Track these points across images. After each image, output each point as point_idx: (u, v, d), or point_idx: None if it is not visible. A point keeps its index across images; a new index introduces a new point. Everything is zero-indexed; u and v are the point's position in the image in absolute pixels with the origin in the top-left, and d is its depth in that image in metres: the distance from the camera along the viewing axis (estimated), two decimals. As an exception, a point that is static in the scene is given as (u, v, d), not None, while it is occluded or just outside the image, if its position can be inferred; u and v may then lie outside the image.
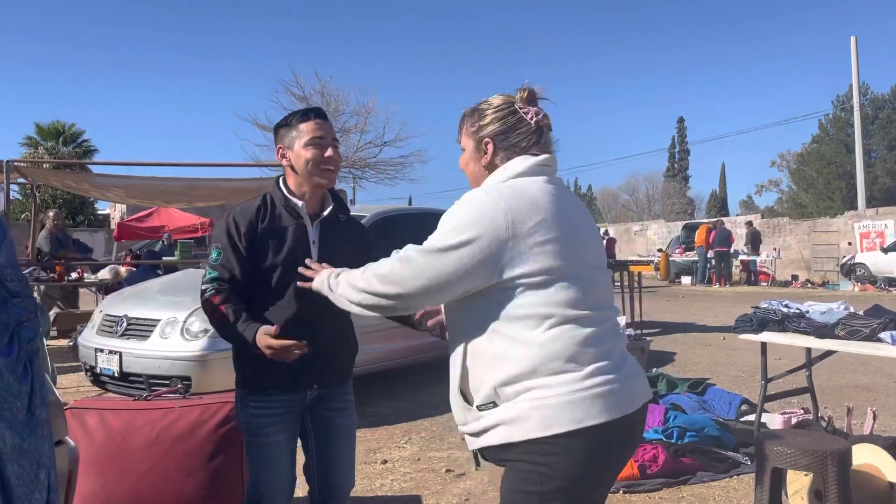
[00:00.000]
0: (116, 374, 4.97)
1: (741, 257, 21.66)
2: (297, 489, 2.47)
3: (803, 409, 4.91)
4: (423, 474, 4.14)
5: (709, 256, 20.71)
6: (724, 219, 26.27)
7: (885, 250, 18.98)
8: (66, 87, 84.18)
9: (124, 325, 5.14)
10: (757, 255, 21.13)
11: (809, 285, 19.97)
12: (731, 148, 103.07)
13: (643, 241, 29.30)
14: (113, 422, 3.16)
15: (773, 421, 4.63)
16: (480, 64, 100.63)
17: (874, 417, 4.25)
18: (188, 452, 3.10)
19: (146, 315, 5.12)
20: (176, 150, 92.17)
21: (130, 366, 4.90)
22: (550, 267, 1.59)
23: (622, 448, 1.64)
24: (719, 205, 53.04)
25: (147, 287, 6.03)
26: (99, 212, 34.76)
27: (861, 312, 3.81)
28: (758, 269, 21.52)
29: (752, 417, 4.60)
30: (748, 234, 21.58)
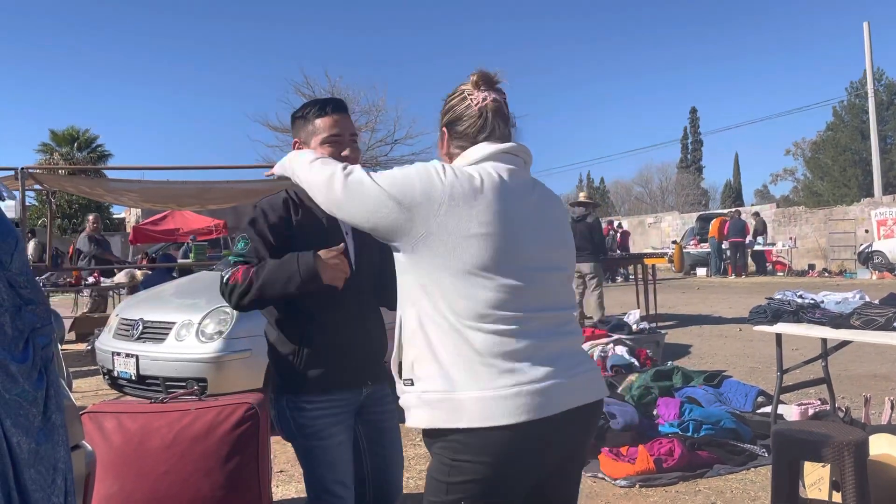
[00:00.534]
0: (134, 378, 5.02)
1: (756, 247, 21.50)
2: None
3: (820, 399, 4.88)
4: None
5: (723, 247, 20.58)
6: (741, 209, 26.08)
7: (903, 237, 18.79)
8: (81, 92, 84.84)
9: (140, 328, 5.19)
10: (761, 244, 20.91)
11: (826, 274, 19.78)
12: (745, 137, 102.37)
13: (657, 233, 29.14)
14: (130, 425, 3.19)
15: (790, 412, 4.60)
16: (491, 58, 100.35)
17: (892, 407, 4.22)
18: (205, 454, 3.13)
19: (162, 318, 5.16)
20: (188, 153, 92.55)
21: (147, 368, 4.95)
22: (474, 262, 1.56)
23: (540, 450, 1.58)
24: (734, 195, 52.65)
25: (162, 290, 6.09)
26: (114, 216, 35.06)
27: (877, 301, 3.78)
28: (767, 259, 21.34)
29: (768, 409, 4.58)
30: (756, 225, 21.42)
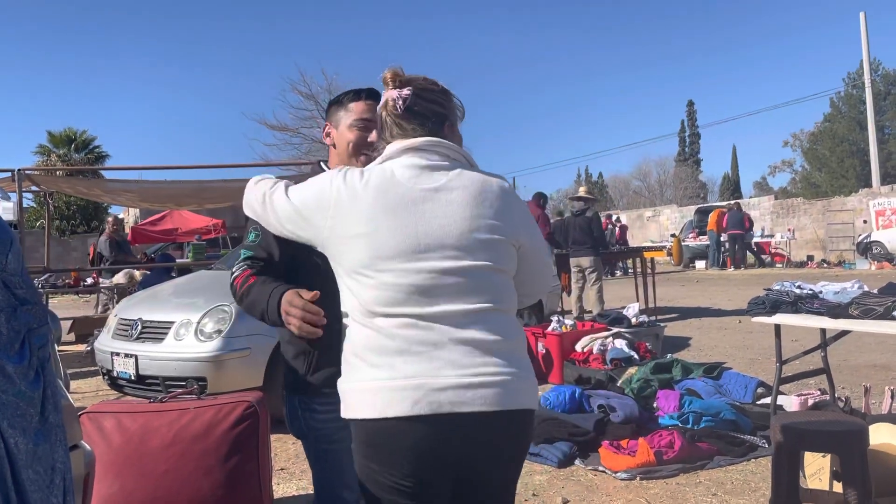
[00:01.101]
0: (133, 378, 5.02)
1: (755, 240, 21.50)
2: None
3: (820, 390, 4.88)
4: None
5: (722, 240, 20.58)
6: (739, 201, 26.08)
7: (901, 227, 18.79)
8: (78, 94, 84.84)
9: (139, 328, 5.18)
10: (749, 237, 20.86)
11: (825, 265, 19.79)
12: (743, 130, 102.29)
13: (656, 226, 29.13)
14: (129, 424, 3.19)
15: (790, 403, 4.60)
16: (488, 54, 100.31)
17: (892, 396, 4.22)
18: (204, 452, 3.13)
19: (160, 318, 5.16)
20: (186, 154, 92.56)
21: (146, 368, 4.95)
22: (358, 261, 1.62)
23: (412, 447, 1.55)
24: (732, 187, 52.63)
25: (160, 290, 6.08)
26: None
27: (875, 291, 3.77)
28: (764, 250, 21.30)
29: (768, 400, 4.58)
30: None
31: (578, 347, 6.36)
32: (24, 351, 1.71)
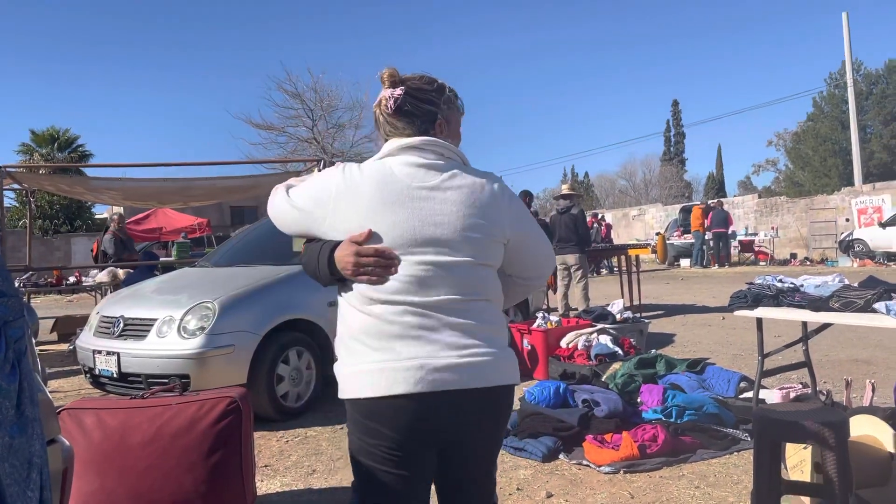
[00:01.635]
0: (115, 375, 4.97)
1: (739, 237, 21.66)
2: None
3: (801, 383, 4.91)
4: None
5: (707, 238, 20.72)
6: (723, 200, 26.26)
7: (882, 225, 18.99)
8: (61, 92, 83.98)
9: (121, 325, 5.14)
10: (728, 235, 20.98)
11: (808, 263, 19.97)
12: (727, 129, 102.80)
13: (641, 225, 29.29)
14: (110, 421, 3.16)
15: (772, 396, 4.63)
16: (475, 52, 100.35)
17: (873, 390, 4.25)
18: (186, 448, 3.11)
19: (142, 315, 5.12)
20: (170, 153, 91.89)
21: (129, 366, 4.90)
22: None
23: (404, 421, 1.70)
24: (717, 186, 53.00)
25: (143, 287, 6.03)
26: (97, 216, 34.75)
27: (856, 284, 3.81)
28: (730, 248, 21.41)
29: (751, 394, 4.61)
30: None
31: (563, 343, 6.37)
32: (0, 343, 1.69)
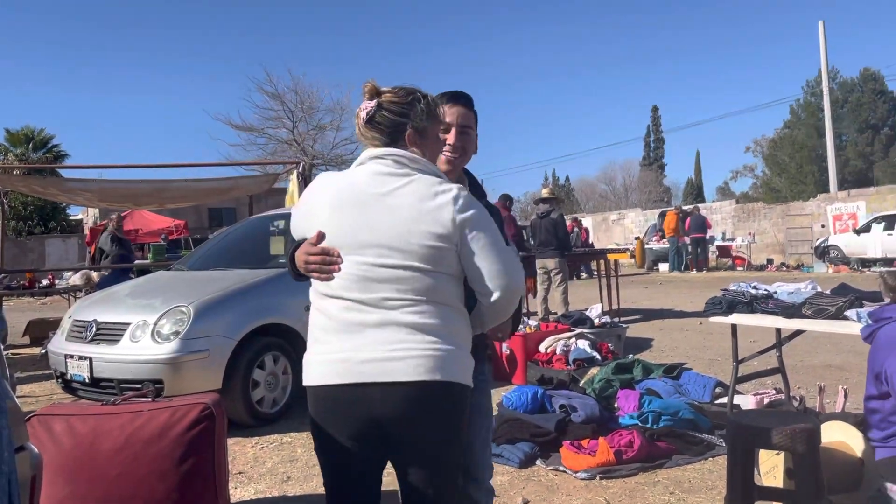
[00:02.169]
0: (87, 380, 4.90)
1: (717, 242, 21.87)
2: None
3: (776, 389, 4.96)
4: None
5: (686, 243, 20.89)
6: (701, 205, 26.50)
7: (857, 232, 19.25)
8: (36, 92, 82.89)
9: (94, 329, 5.06)
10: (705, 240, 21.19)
11: (784, 268, 20.20)
12: (706, 135, 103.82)
13: (621, 229, 29.47)
14: (80, 427, 3.11)
15: (746, 402, 4.67)
16: (455, 55, 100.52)
17: (846, 396, 4.31)
18: (158, 455, 3.06)
19: (116, 319, 5.04)
20: (148, 154, 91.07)
21: (101, 371, 4.83)
22: None
23: (339, 410, 1.87)
24: (695, 192, 53.46)
25: (116, 291, 5.94)
26: (71, 217, 34.32)
27: (828, 292, 3.85)
28: (708, 253, 21.61)
29: (726, 399, 4.64)
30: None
31: (542, 348, 6.38)
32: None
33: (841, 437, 3.26)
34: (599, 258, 11.35)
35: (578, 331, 6.74)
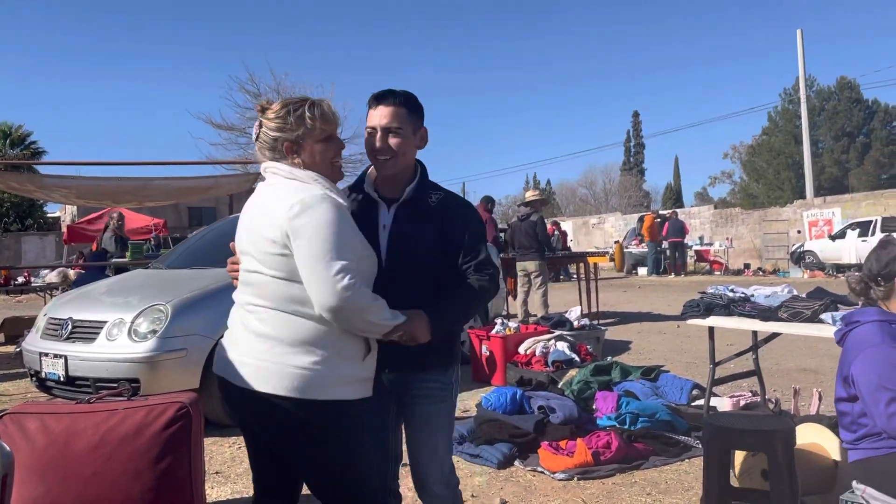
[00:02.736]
0: (62, 379, 4.84)
1: (695, 247, 22.06)
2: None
3: (751, 391, 5.01)
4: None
5: (664, 247, 21.06)
6: (680, 210, 26.74)
7: (832, 238, 19.53)
8: (14, 87, 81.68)
9: (69, 327, 5.00)
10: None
11: (761, 273, 20.43)
12: (685, 141, 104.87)
13: (601, 233, 29.64)
14: (54, 426, 3.07)
15: (723, 404, 4.72)
16: (437, 56, 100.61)
17: (820, 398, 4.36)
18: (134, 455, 3.03)
19: (92, 317, 4.99)
20: (128, 152, 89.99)
21: (76, 369, 4.77)
22: None
23: (227, 402, 2.16)
24: (674, 197, 53.91)
25: (93, 289, 5.87)
26: (49, 215, 33.87)
27: (804, 295, 3.90)
28: (686, 258, 21.80)
29: (703, 402, 4.68)
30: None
31: (521, 350, 6.40)
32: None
33: (815, 438, 3.30)
34: (580, 261, 11.41)
35: (558, 333, 6.77)
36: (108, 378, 4.60)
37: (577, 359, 6.16)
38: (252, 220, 2.04)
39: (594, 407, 4.78)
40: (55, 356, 4.88)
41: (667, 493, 3.61)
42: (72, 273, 9.74)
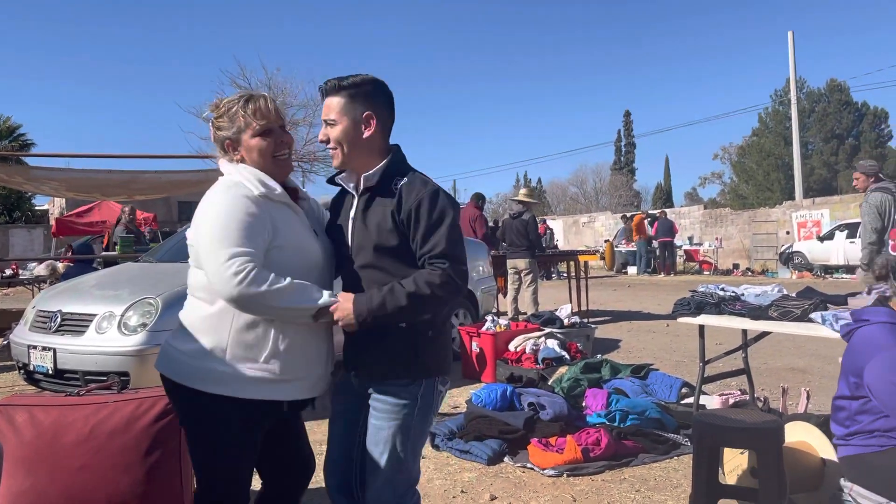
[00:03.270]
0: (51, 372, 4.80)
1: (684, 247, 22.14)
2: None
3: (740, 390, 5.04)
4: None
5: (653, 246, 21.13)
6: (669, 210, 26.84)
7: (821, 239, 19.65)
8: (3, 79, 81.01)
9: (58, 320, 4.97)
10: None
11: (750, 273, 20.54)
12: (676, 141, 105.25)
13: (591, 232, 29.71)
14: (43, 418, 3.05)
15: (711, 402, 4.74)
16: (427, 55, 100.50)
17: (808, 397, 4.39)
18: (123, 448, 3.01)
19: (81, 310, 4.95)
20: (118, 145, 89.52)
21: (66, 362, 4.74)
22: None
23: None
24: (664, 197, 54.08)
25: (82, 281, 5.83)
26: (37, 207, 33.62)
27: (794, 294, 3.92)
28: (676, 257, 21.91)
29: (692, 399, 4.71)
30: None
31: (511, 347, 6.41)
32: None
33: (804, 437, 3.32)
34: (570, 259, 11.44)
35: (548, 330, 6.78)
36: (98, 371, 4.58)
37: (567, 356, 6.18)
38: (195, 218, 2.14)
39: (584, 404, 4.80)
40: (44, 349, 4.85)
41: (656, 489, 3.62)
42: (61, 266, 9.66)
